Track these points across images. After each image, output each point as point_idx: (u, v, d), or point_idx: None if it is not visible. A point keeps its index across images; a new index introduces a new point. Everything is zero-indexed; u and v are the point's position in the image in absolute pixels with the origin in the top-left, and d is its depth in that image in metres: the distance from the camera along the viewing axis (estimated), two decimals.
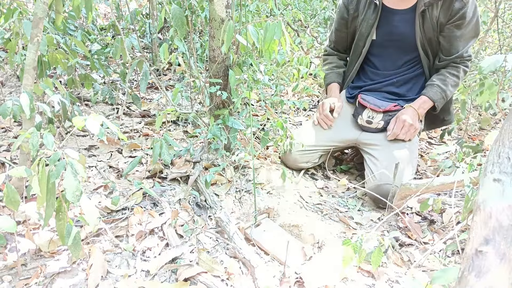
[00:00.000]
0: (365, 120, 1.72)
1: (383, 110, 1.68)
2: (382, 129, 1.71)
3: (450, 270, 0.84)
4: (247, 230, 1.41)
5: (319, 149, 1.79)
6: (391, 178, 1.53)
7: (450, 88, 1.68)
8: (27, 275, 1.08)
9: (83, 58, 2.46)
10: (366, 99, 1.73)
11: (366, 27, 1.73)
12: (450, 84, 1.67)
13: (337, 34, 1.90)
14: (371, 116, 1.71)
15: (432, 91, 1.67)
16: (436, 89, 1.67)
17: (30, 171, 0.91)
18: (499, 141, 0.70)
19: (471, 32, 1.63)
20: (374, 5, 1.68)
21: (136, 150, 1.86)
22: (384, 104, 1.70)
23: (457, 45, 1.65)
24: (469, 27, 1.61)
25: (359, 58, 1.82)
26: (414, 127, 1.63)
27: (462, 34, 1.62)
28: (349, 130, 1.78)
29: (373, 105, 1.70)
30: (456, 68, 1.68)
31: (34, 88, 1.28)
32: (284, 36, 1.21)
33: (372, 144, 1.70)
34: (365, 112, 1.72)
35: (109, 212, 1.40)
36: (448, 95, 1.68)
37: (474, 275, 0.55)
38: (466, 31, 1.62)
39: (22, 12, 1.64)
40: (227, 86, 1.72)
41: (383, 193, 1.55)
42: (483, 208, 0.62)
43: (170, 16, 1.39)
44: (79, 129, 0.98)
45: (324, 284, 1.15)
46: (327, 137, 1.79)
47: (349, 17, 1.79)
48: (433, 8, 1.59)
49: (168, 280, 1.12)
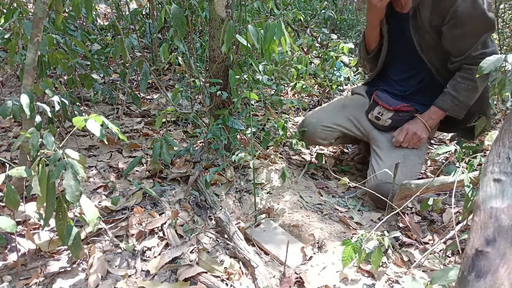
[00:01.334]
0: (374, 116, 1.74)
1: (393, 109, 1.70)
2: (389, 127, 1.72)
3: (450, 270, 0.84)
4: (247, 230, 1.41)
5: (337, 128, 1.82)
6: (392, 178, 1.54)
7: (463, 93, 1.58)
8: (27, 275, 1.08)
9: (83, 58, 2.47)
10: (380, 96, 1.76)
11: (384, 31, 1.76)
12: (463, 89, 1.58)
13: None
14: (381, 113, 1.73)
15: (442, 100, 1.62)
16: (447, 97, 1.61)
17: (30, 171, 0.91)
18: (499, 141, 0.70)
19: (476, 29, 1.52)
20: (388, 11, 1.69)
21: (136, 150, 1.86)
22: (396, 103, 1.72)
23: (461, 46, 1.56)
24: (470, 23, 1.51)
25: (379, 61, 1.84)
26: (418, 136, 1.63)
27: (463, 33, 1.53)
28: (365, 120, 1.82)
29: (385, 103, 1.72)
30: (469, 70, 1.57)
31: (34, 88, 1.28)
32: (284, 36, 1.21)
33: (380, 143, 1.71)
34: (376, 108, 1.75)
35: (109, 212, 1.40)
36: (462, 100, 1.59)
37: (474, 275, 0.55)
38: (467, 29, 1.52)
39: (22, 12, 1.64)
40: (227, 86, 1.72)
41: (383, 193, 1.55)
42: (483, 208, 0.62)
43: (170, 16, 1.39)
44: (79, 129, 0.98)
45: (324, 284, 1.15)
46: (346, 118, 1.82)
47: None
48: (423, 9, 1.56)
49: (168, 280, 1.12)
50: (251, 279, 1.16)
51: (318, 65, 3.03)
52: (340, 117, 1.83)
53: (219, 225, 1.36)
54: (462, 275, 0.57)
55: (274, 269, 1.24)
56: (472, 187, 1.17)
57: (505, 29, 4.13)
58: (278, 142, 1.89)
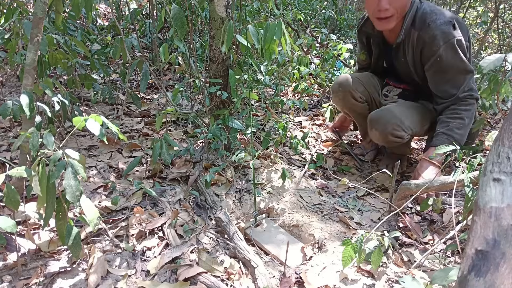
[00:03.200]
0: (383, 93, 1.92)
1: (402, 87, 1.85)
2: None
3: (450, 270, 0.84)
4: (247, 230, 1.41)
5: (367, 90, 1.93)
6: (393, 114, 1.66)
7: (457, 131, 1.61)
8: (27, 275, 1.08)
9: (83, 58, 2.46)
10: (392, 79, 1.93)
11: (375, 56, 1.93)
12: (456, 128, 1.61)
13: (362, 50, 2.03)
14: (389, 91, 1.90)
15: (438, 140, 1.61)
16: (442, 137, 1.62)
17: (30, 171, 0.91)
18: (499, 141, 0.70)
19: (458, 74, 1.60)
20: (377, 41, 1.85)
21: (136, 150, 1.86)
22: (402, 83, 1.86)
23: (445, 89, 1.63)
24: (451, 71, 1.59)
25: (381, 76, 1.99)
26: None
27: (447, 79, 1.61)
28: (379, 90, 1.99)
29: (395, 82, 1.89)
30: (458, 110, 1.62)
31: (34, 88, 1.28)
32: (284, 36, 1.21)
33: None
34: (386, 87, 1.93)
35: (109, 212, 1.40)
36: (457, 138, 1.61)
37: (474, 275, 0.55)
38: (450, 75, 1.60)
39: (22, 12, 1.64)
40: (227, 86, 1.72)
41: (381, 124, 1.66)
42: (483, 208, 0.62)
43: (170, 16, 1.39)
44: (79, 129, 0.98)
45: (324, 284, 1.15)
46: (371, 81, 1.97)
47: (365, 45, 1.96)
48: (406, 47, 1.67)
49: (168, 280, 1.12)
50: (251, 279, 1.16)
51: (318, 65, 3.03)
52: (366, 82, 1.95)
53: (219, 225, 1.36)
54: (462, 275, 0.57)
55: (274, 269, 1.24)
56: (472, 187, 1.17)
57: (505, 29, 4.13)
58: (278, 142, 1.89)
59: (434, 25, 1.55)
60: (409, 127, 1.68)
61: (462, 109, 1.63)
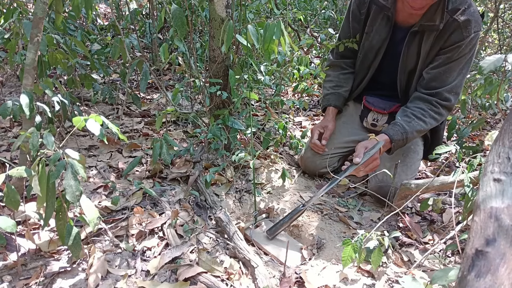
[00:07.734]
0: (370, 123, 1.74)
1: (388, 112, 1.69)
2: None
3: (450, 270, 0.84)
4: (247, 231, 1.41)
5: (336, 154, 1.79)
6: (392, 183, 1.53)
7: (414, 133, 1.53)
8: (27, 275, 1.08)
9: (83, 58, 2.46)
10: (371, 101, 1.73)
11: (378, 40, 1.63)
12: (415, 130, 1.53)
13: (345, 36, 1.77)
14: (376, 119, 1.72)
15: (395, 134, 1.51)
16: (398, 130, 1.52)
17: (30, 171, 0.91)
18: (499, 141, 0.70)
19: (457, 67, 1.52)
20: (387, 18, 1.58)
21: (136, 150, 1.86)
22: (389, 106, 1.69)
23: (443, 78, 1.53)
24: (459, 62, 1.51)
25: (369, 71, 1.74)
26: (377, 162, 1.49)
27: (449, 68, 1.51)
28: (359, 131, 1.79)
29: (378, 107, 1.70)
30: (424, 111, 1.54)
31: (34, 88, 1.28)
32: (284, 36, 1.21)
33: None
34: (370, 114, 1.73)
35: (109, 212, 1.40)
36: (410, 138, 1.54)
37: (474, 275, 0.55)
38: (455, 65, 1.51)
39: (22, 12, 1.64)
40: (227, 86, 1.72)
41: (384, 193, 1.55)
42: (483, 208, 0.62)
43: (170, 16, 1.39)
44: (79, 129, 0.98)
45: (324, 284, 1.15)
46: (339, 141, 1.78)
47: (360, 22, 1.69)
48: (428, 35, 1.50)
49: (168, 280, 1.12)
50: (251, 279, 1.16)
51: (318, 65, 3.02)
52: (332, 142, 1.76)
53: (219, 225, 1.36)
54: (462, 275, 0.57)
55: (274, 269, 1.24)
56: (472, 187, 1.17)
57: (505, 29, 4.13)
58: (278, 142, 1.89)
59: (469, 11, 1.44)
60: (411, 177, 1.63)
61: (431, 115, 1.54)
